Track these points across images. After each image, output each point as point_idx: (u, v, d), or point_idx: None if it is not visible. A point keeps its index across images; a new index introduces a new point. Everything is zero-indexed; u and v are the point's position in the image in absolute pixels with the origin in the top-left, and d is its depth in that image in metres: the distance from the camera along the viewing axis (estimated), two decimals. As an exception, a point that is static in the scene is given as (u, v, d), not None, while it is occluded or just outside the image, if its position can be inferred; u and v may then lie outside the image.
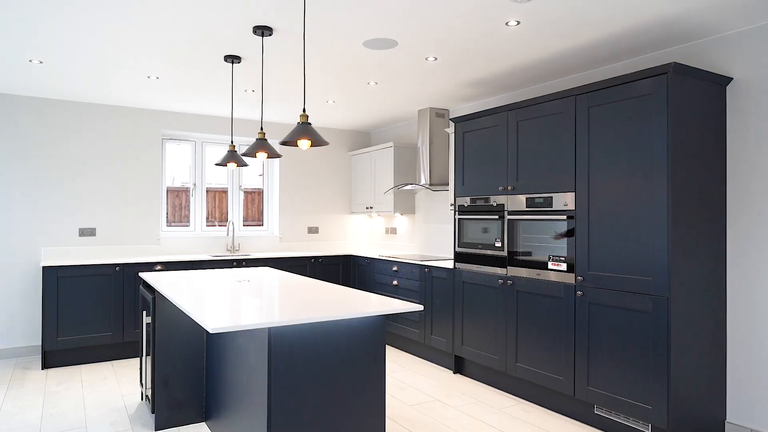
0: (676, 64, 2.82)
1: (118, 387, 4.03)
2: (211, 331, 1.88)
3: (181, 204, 5.93)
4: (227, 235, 5.86)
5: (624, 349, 3.06)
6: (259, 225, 6.35)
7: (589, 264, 3.26)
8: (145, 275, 3.62)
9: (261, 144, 3.13)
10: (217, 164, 3.67)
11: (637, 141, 3.00)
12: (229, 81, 4.31)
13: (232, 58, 3.66)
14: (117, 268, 4.76)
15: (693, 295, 2.95)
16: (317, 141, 2.53)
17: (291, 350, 2.24)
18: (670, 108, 2.84)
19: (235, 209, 6.11)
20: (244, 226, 6.18)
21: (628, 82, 3.04)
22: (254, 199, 6.40)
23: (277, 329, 2.20)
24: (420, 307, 2.41)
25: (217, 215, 6.08)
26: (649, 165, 2.94)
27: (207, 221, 5.97)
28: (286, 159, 6.26)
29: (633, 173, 3.02)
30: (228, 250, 5.86)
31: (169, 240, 5.54)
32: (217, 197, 6.12)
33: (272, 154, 3.18)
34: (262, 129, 3.19)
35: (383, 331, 2.47)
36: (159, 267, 4.92)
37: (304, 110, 2.54)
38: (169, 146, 5.74)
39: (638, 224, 2.99)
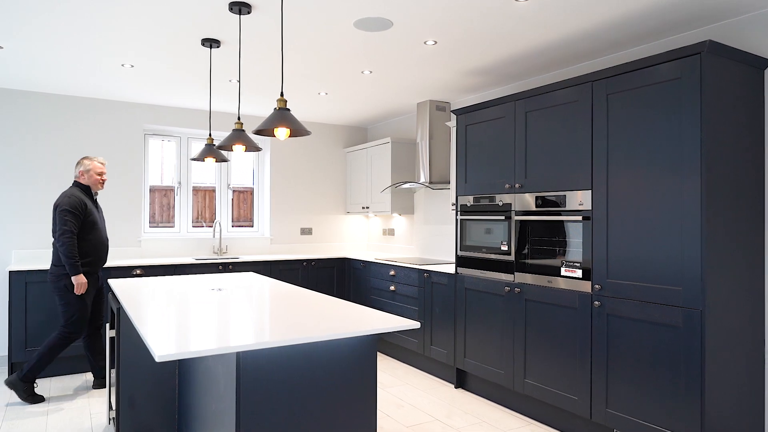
0: (711, 42, 2.46)
1: (88, 404, 3.67)
2: (157, 359, 1.53)
3: (169, 204, 5.58)
4: (214, 236, 5.50)
5: (649, 367, 2.69)
6: (251, 226, 5.99)
7: (608, 271, 2.90)
8: (113, 282, 3.27)
9: (238, 135, 2.77)
10: (193, 159, 3.32)
11: (664, 132, 2.64)
12: (209, 69, 3.95)
13: (210, 42, 3.31)
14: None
15: (729, 308, 2.59)
16: (297, 129, 2.17)
17: (264, 376, 1.89)
18: (703, 94, 2.48)
19: (224, 209, 5.75)
20: (233, 226, 5.83)
21: (655, 64, 2.67)
22: (246, 199, 6.04)
23: (248, 353, 1.84)
24: (416, 325, 2.05)
25: (208, 216, 5.72)
26: (678, 159, 2.57)
27: (195, 222, 5.61)
28: (277, 156, 5.89)
29: (659, 169, 2.65)
30: (215, 252, 5.50)
31: (151, 242, 5.19)
32: (208, 197, 5.77)
33: (251, 147, 2.82)
34: (239, 119, 2.83)
35: (374, 352, 2.11)
36: (138, 271, 4.57)
37: (282, 94, 2.18)
38: (153, 142, 5.38)
39: (666, 227, 2.62)
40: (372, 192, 5.75)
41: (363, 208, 5.91)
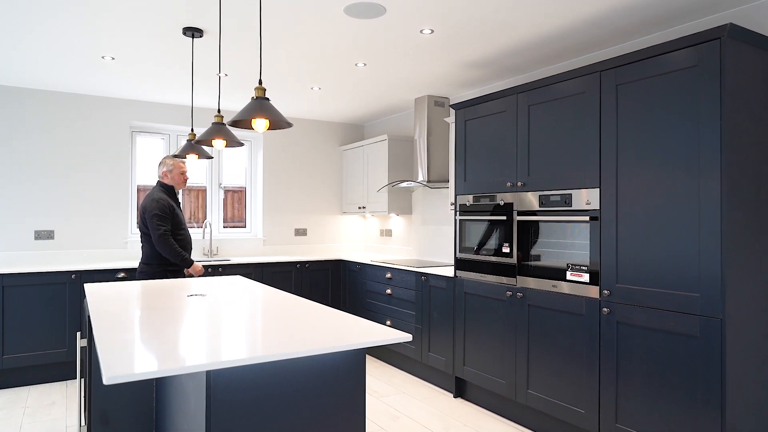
0: (732, 26, 2.25)
1: (65, 415, 3.47)
2: (105, 382, 1.32)
3: (160, 204, 5.38)
4: (203, 237, 5.29)
5: (663, 380, 2.48)
6: (245, 227, 5.78)
7: (618, 275, 2.69)
8: (89, 286, 3.07)
9: (218, 129, 2.57)
10: (173, 156, 3.11)
11: (680, 125, 2.43)
12: (195, 61, 3.75)
13: (192, 31, 3.10)
14: (73, 276, 4.20)
15: (752, 317, 2.38)
16: (277, 121, 1.96)
17: (237, 395, 1.68)
18: (724, 83, 2.27)
19: (215, 209, 5.55)
20: (224, 227, 5.62)
21: (669, 51, 2.46)
22: (240, 199, 5.84)
23: (219, 372, 1.63)
24: (407, 338, 1.85)
25: (201, 216, 5.52)
26: (695, 154, 2.36)
27: (187, 222, 5.40)
28: (270, 154, 5.69)
29: (675, 164, 2.44)
30: (204, 254, 5.30)
31: (138, 243, 4.98)
32: (201, 197, 5.57)
33: (232, 142, 2.61)
34: (219, 112, 2.62)
35: (362, 367, 1.91)
36: (122, 274, 4.36)
37: (260, 82, 1.97)
38: (141, 140, 5.18)
39: (681, 228, 2.41)
40: (368, 191, 5.55)
41: (359, 208, 5.70)
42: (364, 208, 5.61)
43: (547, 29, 3.09)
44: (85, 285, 3.11)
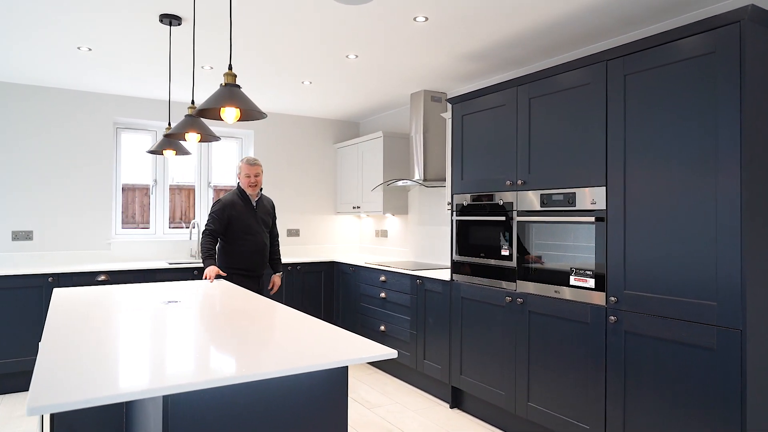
0: (753, 7, 2.04)
1: (36, 427, 3.26)
2: (27, 413, 1.12)
3: (150, 203, 5.19)
4: (191, 238, 5.09)
5: (677, 396, 2.28)
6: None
7: (626, 281, 2.48)
8: (59, 291, 2.87)
9: (191, 122, 2.36)
10: (149, 152, 2.91)
11: (695, 117, 2.22)
12: (176, 53, 3.54)
13: (170, 19, 2.90)
14: (50, 279, 4.00)
15: (773, 326, 2.17)
16: (249, 110, 1.76)
17: (198, 417, 1.48)
18: (744, 71, 2.06)
19: (203, 209, 5.34)
20: (214, 228, 5.40)
21: (683, 37, 2.26)
22: (232, 198, 5.62)
23: (178, 396, 1.43)
24: (393, 354, 1.64)
25: (191, 216, 5.31)
26: (712, 149, 2.16)
27: (174, 223, 5.21)
28: (261, 151, 5.48)
29: (689, 161, 2.24)
30: (192, 255, 5.09)
31: (122, 245, 4.78)
32: (192, 196, 5.37)
33: (207, 136, 2.41)
34: (193, 103, 2.42)
35: (343, 386, 1.70)
36: (103, 277, 4.16)
37: (230, 67, 1.77)
38: (125, 136, 4.98)
39: (697, 229, 2.21)
40: (363, 191, 5.34)
41: (354, 207, 5.50)
42: (358, 207, 5.41)
43: (548, 17, 2.89)
44: (55, 290, 2.91)
